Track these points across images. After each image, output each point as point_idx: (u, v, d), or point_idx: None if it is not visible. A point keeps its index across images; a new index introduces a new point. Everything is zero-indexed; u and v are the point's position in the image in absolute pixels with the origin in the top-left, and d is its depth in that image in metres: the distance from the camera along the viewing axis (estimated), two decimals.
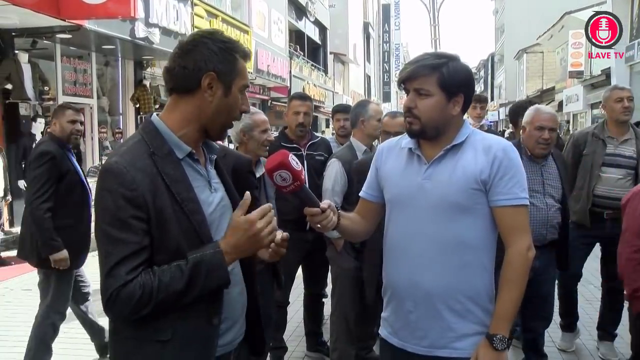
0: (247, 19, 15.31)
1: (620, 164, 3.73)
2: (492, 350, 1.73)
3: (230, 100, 1.53)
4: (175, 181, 1.46)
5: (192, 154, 1.54)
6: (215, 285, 1.45)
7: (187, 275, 1.41)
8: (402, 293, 1.85)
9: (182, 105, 1.53)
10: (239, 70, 1.54)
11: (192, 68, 1.49)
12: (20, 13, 6.96)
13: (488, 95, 50.29)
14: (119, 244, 1.39)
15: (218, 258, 1.44)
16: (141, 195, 1.40)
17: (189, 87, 1.50)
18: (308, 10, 22.86)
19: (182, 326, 1.46)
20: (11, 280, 6.16)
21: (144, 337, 1.46)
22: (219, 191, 1.61)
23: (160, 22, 9.50)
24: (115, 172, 1.41)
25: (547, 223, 3.19)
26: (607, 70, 16.30)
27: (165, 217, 1.43)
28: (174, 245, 1.44)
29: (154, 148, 1.48)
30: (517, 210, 1.77)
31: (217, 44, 1.51)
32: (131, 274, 1.39)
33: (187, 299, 1.42)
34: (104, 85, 11.02)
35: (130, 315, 1.42)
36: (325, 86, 24.30)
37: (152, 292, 1.39)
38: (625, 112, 3.74)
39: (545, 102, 29.70)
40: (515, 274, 1.77)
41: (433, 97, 1.77)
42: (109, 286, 1.39)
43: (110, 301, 1.40)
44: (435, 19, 28.99)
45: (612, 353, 3.90)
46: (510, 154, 1.78)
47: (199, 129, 1.55)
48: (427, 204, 1.78)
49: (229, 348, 1.59)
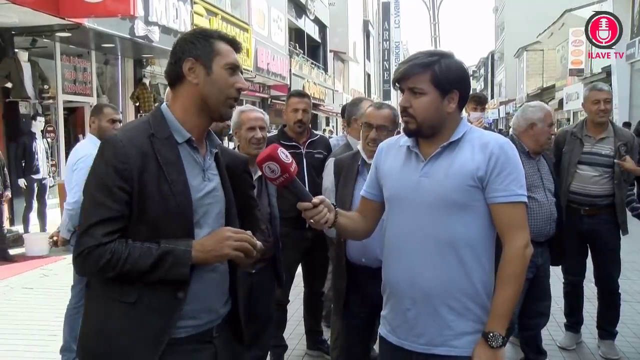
0: (246, 17, 15.30)
1: (596, 162, 3.78)
2: (487, 348, 1.71)
3: (214, 77, 1.66)
4: (168, 162, 1.59)
5: (191, 141, 1.66)
6: (174, 278, 1.56)
7: (153, 259, 1.53)
8: (400, 291, 1.85)
9: (178, 95, 1.69)
10: (217, 50, 1.67)
11: (175, 60, 1.67)
12: (20, 12, 6.96)
13: (488, 93, 50.29)
14: (100, 207, 1.53)
15: (186, 256, 1.56)
16: (129, 169, 1.54)
17: (177, 77, 1.67)
18: (308, 8, 22.85)
19: (148, 293, 1.57)
20: (12, 278, 6.17)
21: (111, 296, 1.59)
22: (213, 181, 1.72)
23: (160, 21, 9.50)
24: (113, 144, 1.56)
25: (550, 218, 3.25)
26: (607, 68, 16.29)
27: (147, 193, 1.55)
28: (153, 220, 1.57)
29: (154, 130, 1.62)
30: (514, 207, 1.75)
31: (192, 35, 1.70)
32: (106, 237, 1.52)
33: (149, 279, 1.55)
34: (104, 84, 11.01)
35: (93, 275, 1.59)
36: (325, 84, 24.30)
37: (119, 260, 1.52)
38: (601, 114, 3.78)
39: (545, 100, 29.70)
40: (512, 272, 1.74)
41: (427, 95, 1.77)
42: (84, 243, 1.53)
43: (81, 256, 1.53)
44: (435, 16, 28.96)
45: (613, 352, 3.90)
46: (508, 151, 1.76)
47: (199, 113, 1.68)
48: (424, 202, 1.78)
49: (202, 328, 1.68)
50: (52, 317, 4.78)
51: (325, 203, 1.76)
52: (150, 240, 1.56)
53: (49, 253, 7.21)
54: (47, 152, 8.10)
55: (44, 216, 7.97)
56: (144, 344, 1.57)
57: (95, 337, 1.61)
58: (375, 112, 2.79)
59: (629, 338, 4.21)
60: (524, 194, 1.77)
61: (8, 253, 6.94)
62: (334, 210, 1.82)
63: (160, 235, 1.56)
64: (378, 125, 2.73)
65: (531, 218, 3.04)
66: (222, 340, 1.77)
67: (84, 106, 10.12)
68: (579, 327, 4.15)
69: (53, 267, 6.62)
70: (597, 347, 4.01)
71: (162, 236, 1.57)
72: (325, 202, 1.77)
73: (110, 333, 1.58)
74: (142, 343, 1.57)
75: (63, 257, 6.98)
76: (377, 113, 2.78)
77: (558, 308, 4.46)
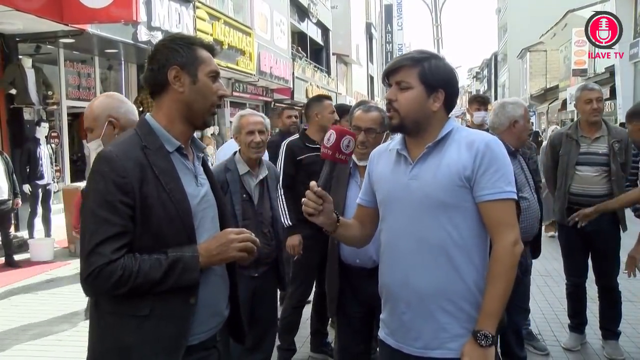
0: (249, 21, 15.33)
1: (594, 161, 3.81)
2: (477, 347, 1.69)
3: (199, 86, 1.66)
4: (164, 172, 1.60)
5: (180, 149, 1.67)
6: (185, 284, 1.58)
7: (164, 269, 1.54)
8: (395, 294, 1.85)
9: (162, 103, 1.68)
10: (201, 58, 1.67)
11: (158, 68, 1.65)
12: (24, 18, 7.00)
13: (492, 94, 50.16)
14: (105, 224, 1.51)
15: (194, 261, 1.58)
16: (130, 183, 1.53)
17: (161, 85, 1.66)
18: (310, 11, 22.87)
19: (160, 304, 1.57)
20: (17, 284, 6.19)
21: (124, 312, 1.57)
22: (204, 186, 1.74)
23: (163, 26, 9.53)
24: (109, 159, 1.54)
25: (537, 216, 3.29)
26: (611, 68, 16.25)
27: (149, 204, 1.55)
28: (156, 230, 1.56)
29: (146, 142, 1.62)
30: (503, 205, 1.72)
31: (175, 42, 1.67)
32: (115, 253, 1.51)
33: (160, 288, 1.55)
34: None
35: (106, 293, 1.54)
36: (328, 87, 24.29)
37: (131, 275, 1.51)
38: (594, 113, 3.79)
39: (548, 100, 29.62)
40: (502, 270, 1.71)
41: (413, 89, 1.78)
42: (93, 262, 1.50)
43: (92, 276, 1.50)
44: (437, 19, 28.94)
45: (617, 352, 3.88)
46: (494, 148, 1.74)
47: (183, 121, 1.68)
48: (413, 204, 1.78)
49: (210, 334, 1.70)
50: (57, 323, 4.80)
51: (325, 205, 1.79)
52: (154, 250, 1.56)
53: (54, 258, 7.24)
54: (52, 157, 8.13)
55: (48, 222, 8.00)
56: (163, 354, 1.58)
57: (113, 354, 1.59)
58: (363, 115, 2.83)
59: (634, 338, 4.19)
60: (513, 190, 1.74)
61: (13, 259, 6.97)
62: (335, 218, 1.85)
63: (163, 245, 1.57)
64: (366, 127, 2.79)
65: (523, 218, 3.05)
66: (223, 343, 1.79)
67: None
68: (583, 328, 4.14)
69: (58, 273, 6.64)
70: (602, 348, 4.00)
71: (165, 245, 1.57)
72: (327, 205, 1.79)
73: (128, 348, 1.57)
74: (161, 353, 1.58)
75: (68, 263, 7.01)
76: (365, 116, 2.83)
77: (562, 309, 4.45)
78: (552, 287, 5.57)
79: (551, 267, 6.23)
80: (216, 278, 1.71)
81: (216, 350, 1.74)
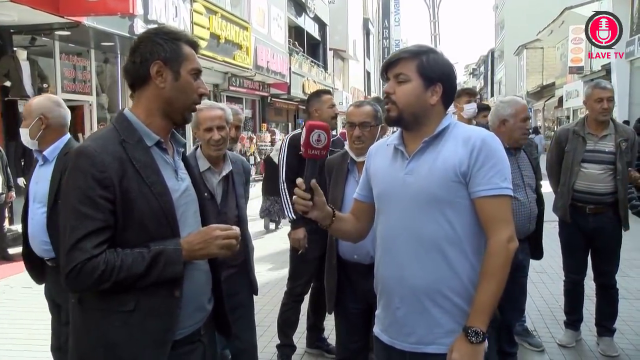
0: (246, 15, 15.29)
1: (600, 159, 3.79)
2: (467, 344, 1.68)
3: (181, 83, 1.64)
4: (144, 166, 1.58)
5: (160, 143, 1.66)
6: (169, 277, 1.57)
7: (147, 262, 1.53)
8: (389, 288, 1.85)
9: (143, 97, 1.66)
10: (185, 55, 1.65)
11: (140, 61, 1.62)
12: (19, 10, 6.95)
13: (488, 91, 50.25)
14: (86, 220, 1.49)
15: (177, 254, 1.57)
16: (109, 177, 1.51)
17: (142, 79, 1.63)
18: (307, 6, 22.81)
19: (145, 298, 1.56)
20: (12, 277, 6.17)
21: (109, 308, 1.56)
22: (185, 181, 1.73)
23: (159, 19, 9.49)
24: (88, 154, 1.52)
25: (530, 216, 3.28)
26: (607, 66, 16.28)
27: (131, 198, 1.54)
28: (139, 224, 1.55)
29: (124, 136, 1.60)
30: (498, 201, 1.71)
31: (160, 36, 1.64)
32: (97, 249, 1.49)
33: (144, 282, 1.54)
34: (103, 82, 11.00)
35: (89, 288, 1.53)
36: (325, 82, 24.27)
37: (114, 269, 1.49)
38: (604, 112, 3.78)
39: (545, 97, 29.71)
40: (495, 266, 1.69)
41: (411, 82, 1.78)
42: (74, 258, 1.48)
43: (74, 272, 1.48)
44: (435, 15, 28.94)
45: (612, 349, 3.90)
46: (491, 143, 1.74)
47: (163, 116, 1.66)
48: (409, 199, 1.77)
49: (194, 328, 1.70)
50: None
51: (316, 199, 1.78)
52: (137, 245, 1.55)
53: None
54: None
55: None
56: (150, 348, 1.57)
57: (99, 351, 1.57)
58: (355, 111, 2.86)
59: (629, 335, 4.21)
60: (509, 187, 1.73)
61: (7, 252, 6.94)
62: (330, 212, 1.84)
63: (147, 239, 1.56)
64: (360, 122, 2.80)
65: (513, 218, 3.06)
66: (207, 337, 1.79)
67: (84, 105, 10.12)
68: (579, 325, 4.15)
69: None
70: (597, 345, 4.01)
71: (149, 240, 1.56)
72: (317, 198, 1.78)
73: (114, 344, 1.55)
74: (148, 348, 1.57)
75: None
76: (357, 111, 2.85)
77: (558, 306, 4.47)
78: (547, 283, 5.59)
79: (547, 264, 6.24)
80: (199, 273, 1.71)
81: (201, 344, 1.74)
